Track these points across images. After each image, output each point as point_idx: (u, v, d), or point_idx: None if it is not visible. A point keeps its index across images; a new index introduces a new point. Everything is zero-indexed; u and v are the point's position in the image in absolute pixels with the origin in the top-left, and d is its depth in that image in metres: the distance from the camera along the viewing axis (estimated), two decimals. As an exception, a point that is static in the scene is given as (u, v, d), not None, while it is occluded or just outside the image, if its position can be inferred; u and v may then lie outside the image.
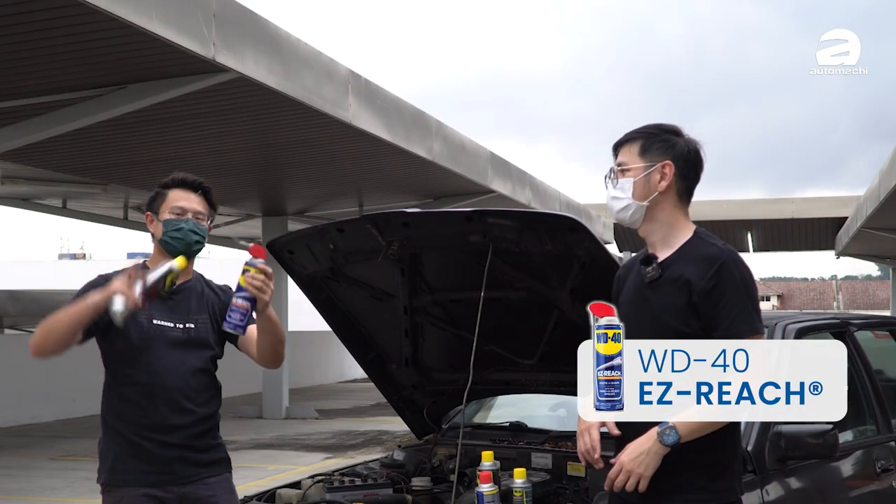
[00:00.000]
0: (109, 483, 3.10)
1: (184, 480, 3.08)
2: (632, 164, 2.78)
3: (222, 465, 3.22)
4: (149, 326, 3.10)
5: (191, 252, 3.18)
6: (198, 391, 3.13)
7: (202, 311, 3.21)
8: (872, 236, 20.99)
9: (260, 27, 8.10)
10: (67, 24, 6.79)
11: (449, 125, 12.41)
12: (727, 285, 2.62)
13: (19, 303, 17.85)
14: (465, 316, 3.77)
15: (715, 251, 2.68)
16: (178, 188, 3.23)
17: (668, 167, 2.75)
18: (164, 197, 3.23)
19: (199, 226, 3.19)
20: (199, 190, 3.24)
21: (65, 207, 15.85)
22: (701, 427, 2.59)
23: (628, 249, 26.65)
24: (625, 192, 2.77)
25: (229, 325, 3.06)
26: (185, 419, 3.09)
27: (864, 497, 3.95)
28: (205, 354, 3.18)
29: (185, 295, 3.20)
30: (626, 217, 2.80)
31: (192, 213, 3.19)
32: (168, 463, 3.06)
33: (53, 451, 11.58)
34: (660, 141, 2.78)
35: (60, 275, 37.18)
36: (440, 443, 4.20)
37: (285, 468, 9.98)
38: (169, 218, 3.18)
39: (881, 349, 4.85)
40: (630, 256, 3.01)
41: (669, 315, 2.66)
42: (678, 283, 2.67)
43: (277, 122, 9.87)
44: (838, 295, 55.61)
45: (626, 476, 2.62)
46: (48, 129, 8.53)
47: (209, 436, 3.17)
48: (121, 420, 3.09)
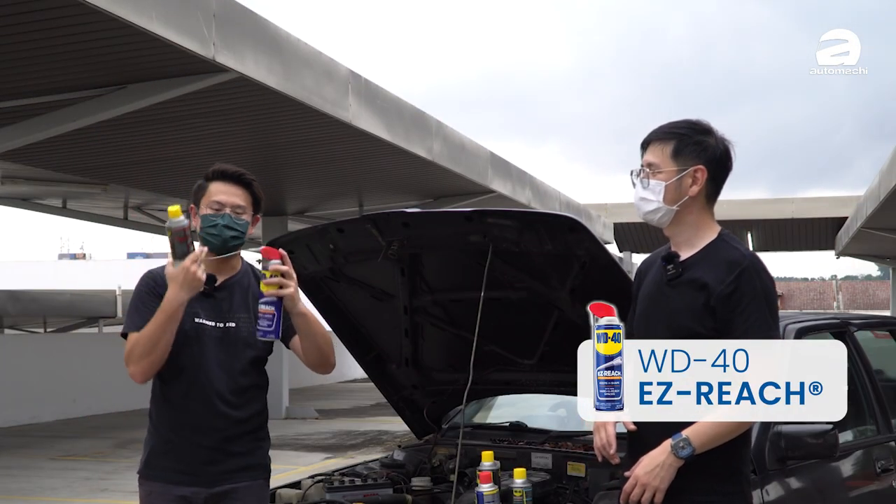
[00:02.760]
0: (143, 475, 3.10)
1: (212, 483, 3.03)
2: (664, 167, 2.72)
3: (256, 471, 3.13)
4: (190, 326, 3.03)
5: (227, 248, 3.08)
6: (234, 393, 3.04)
7: (245, 310, 3.11)
8: (872, 236, 21.00)
9: (260, 27, 8.10)
10: (67, 24, 6.80)
11: (449, 125, 12.41)
12: (746, 291, 2.61)
13: (19, 303, 17.84)
14: (465, 316, 3.76)
15: (737, 256, 2.66)
16: (219, 181, 3.11)
17: (701, 172, 2.71)
18: (204, 190, 3.12)
19: (238, 220, 3.07)
20: (241, 182, 3.12)
21: (65, 207, 15.85)
22: (715, 438, 2.59)
23: (628, 249, 26.68)
24: (655, 195, 2.72)
25: (260, 333, 2.97)
26: (219, 422, 3.04)
27: (864, 497, 3.95)
28: (246, 354, 3.08)
29: (228, 291, 3.12)
30: (654, 219, 2.76)
31: (231, 207, 3.07)
32: (198, 464, 3.02)
33: (53, 451, 11.57)
34: (693, 143, 2.72)
35: (60, 275, 37.19)
36: (440, 443, 4.20)
37: (285, 468, 9.97)
38: (206, 213, 3.08)
39: (881, 349, 4.85)
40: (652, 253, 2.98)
41: (684, 315, 2.65)
42: (696, 285, 2.66)
43: (277, 122, 9.87)
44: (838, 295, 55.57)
45: (641, 490, 2.62)
46: (48, 129, 8.53)
47: (246, 439, 3.09)
48: (159, 416, 3.08)
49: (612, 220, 23.95)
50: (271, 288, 2.93)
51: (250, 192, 3.14)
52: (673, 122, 2.79)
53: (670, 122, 2.80)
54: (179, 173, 12.01)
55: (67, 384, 15.10)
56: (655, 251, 2.94)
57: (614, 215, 24.50)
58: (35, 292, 19.60)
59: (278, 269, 2.93)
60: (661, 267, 2.77)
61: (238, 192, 3.11)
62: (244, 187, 3.13)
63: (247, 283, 3.16)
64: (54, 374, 14.86)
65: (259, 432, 3.15)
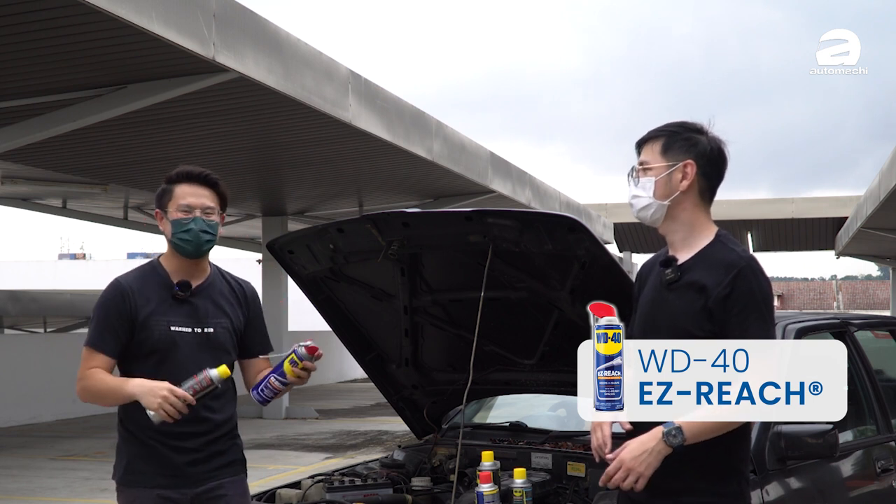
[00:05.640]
0: (124, 482, 3.10)
1: (197, 483, 3.07)
2: (654, 163, 2.75)
3: (236, 467, 3.19)
4: (167, 333, 3.04)
5: (201, 252, 3.10)
6: (215, 398, 3.06)
7: (221, 314, 3.14)
8: (872, 236, 20.99)
9: (260, 27, 8.10)
10: (67, 24, 6.80)
11: (449, 125, 12.41)
12: (743, 293, 2.60)
13: (19, 303, 17.85)
14: (465, 316, 3.76)
15: (734, 258, 2.66)
16: (184, 183, 3.09)
17: (690, 166, 2.73)
18: (170, 194, 3.10)
19: (209, 222, 3.08)
20: (207, 182, 3.11)
21: (65, 207, 15.85)
22: (707, 430, 2.57)
23: (628, 249, 26.70)
24: (646, 191, 2.75)
25: (258, 397, 3.10)
26: (201, 427, 3.07)
27: (864, 497, 3.95)
28: (222, 360, 3.09)
29: (203, 297, 3.13)
30: (647, 216, 2.78)
31: (201, 208, 3.07)
32: (182, 467, 3.04)
33: (53, 451, 11.58)
34: (682, 139, 2.75)
35: (60, 275, 37.22)
36: (440, 443, 4.20)
37: (285, 468, 9.98)
38: (177, 217, 3.06)
39: (881, 349, 4.85)
40: (652, 255, 2.98)
41: (684, 318, 2.65)
42: (695, 288, 2.66)
43: (277, 122, 9.87)
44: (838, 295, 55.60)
45: (624, 473, 2.59)
46: (48, 129, 8.53)
47: (224, 439, 3.14)
48: (136, 424, 3.04)
49: (612, 220, 23.97)
50: (293, 377, 3.04)
51: (217, 191, 3.13)
52: (662, 125, 2.84)
53: (660, 125, 2.84)
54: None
55: (67, 384, 14.97)
56: (655, 254, 2.94)
57: (614, 215, 24.52)
58: (35, 292, 19.62)
59: (312, 367, 3.04)
60: (660, 271, 2.77)
61: (205, 192, 3.10)
62: (210, 187, 3.12)
63: (219, 287, 3.19)
64: (54, 374, 14.85)
65: (235, 431, 3.22)
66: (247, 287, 3.29)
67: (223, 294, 3.18)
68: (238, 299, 3.22)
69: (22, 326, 20.98)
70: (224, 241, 20.03)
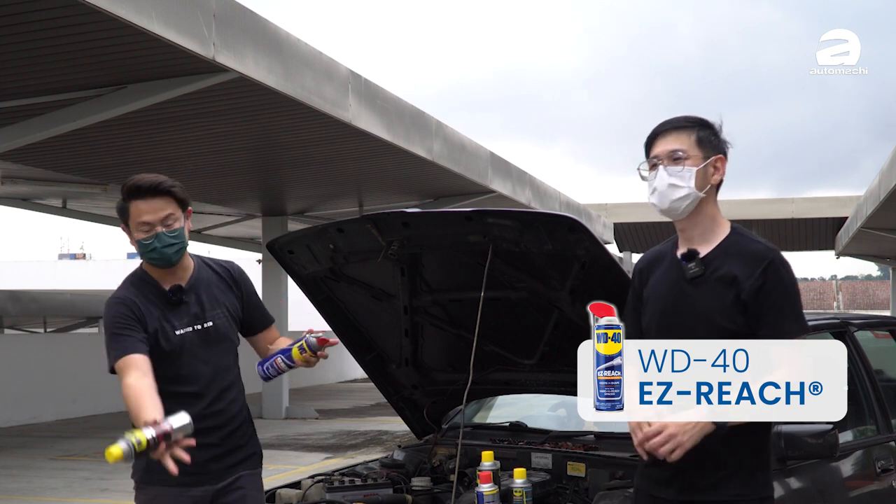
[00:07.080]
0: (145, 480, 3.10)
1: (219, 479, 3.11)
2: (691, 153, 2.69)
3: (254, 460, 3.23)
4: (175, 338, 3.07)
5: (174, 262, 3.08)
6: (227, 389, 3.13)
7: (217, 305, 3.16)
8: (872, 236, 20.99)
9: (260, 27, 8.10)
10: (67, 24, 6.79)
11: (449, 125, 12.41)
12: (775, 284, 2.61)
13: (19, 303, 17.83)
14: (465, 316, 3.77)
15: (762, 249, 2.66)
16: (136, 199, 3.00)
17: (721, 162, 2.72)
18: (127, 212, 3.03)
19: (172, 232, 3.02)
20: (159, 192, 3.00)
21: (65, 207, 15.84)
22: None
23: (628, 249, 26.69)
24: (685, 182, 2.67)
25: (262, 373, 3.16)
26: (218, 420, 3.11)
27: (864, 497, 3.95)
28: (228, 349, 3.17)
29: (195, 293, 3.15)
30: (680, 206, 2.70)
31: (159, 222, 3.00)
32: (203, 464, 3.03)
33: (53, 451, 11.58)
34: (713, 135, 2.73)
35: (60, 275, 37.23)
36: (440, 443, 4.20)
37: (285, 468, 9.98)
38: (139, 238, 3.02)
39: (881, 349, 4.84)
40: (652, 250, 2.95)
41: (716, 312, 2.63)
42: (725, 281, 2.64)
43: (277, 122, 9.87)
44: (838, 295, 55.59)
45: (665, 438, 2.53)
46: (48, 129, 8.53)
47: (241, 431, 3.19)
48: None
49: (612, 220, 23.97)
50: (301, 361, 3.09)
51: (172, 197, 3.04)
52: (684, 115, 2.78)
53: (680, 115, 2.79)
54: (180, 173, 12.01)
55: (67, 384, 15.09)
56: (653, 249, 2.91)
57: (614, 215, 24.51)
58: (35, 292, 19.60)
59: (323, 355, 3.10)
60: (678, 265, 2.74)
61: (160, 203, 3.00)
62: (164, 196, 3.02)
63: (206, 278, 3.19)
64: (54, 374, 14.86)
65: (249, 420, 3.26)
66: (232, 268, 3.29)
67: (213, 283, 3.19)
68: (227, 284, 3.23)
69: (22, 326, 20.97)
70: (224, 241, 20.03)
